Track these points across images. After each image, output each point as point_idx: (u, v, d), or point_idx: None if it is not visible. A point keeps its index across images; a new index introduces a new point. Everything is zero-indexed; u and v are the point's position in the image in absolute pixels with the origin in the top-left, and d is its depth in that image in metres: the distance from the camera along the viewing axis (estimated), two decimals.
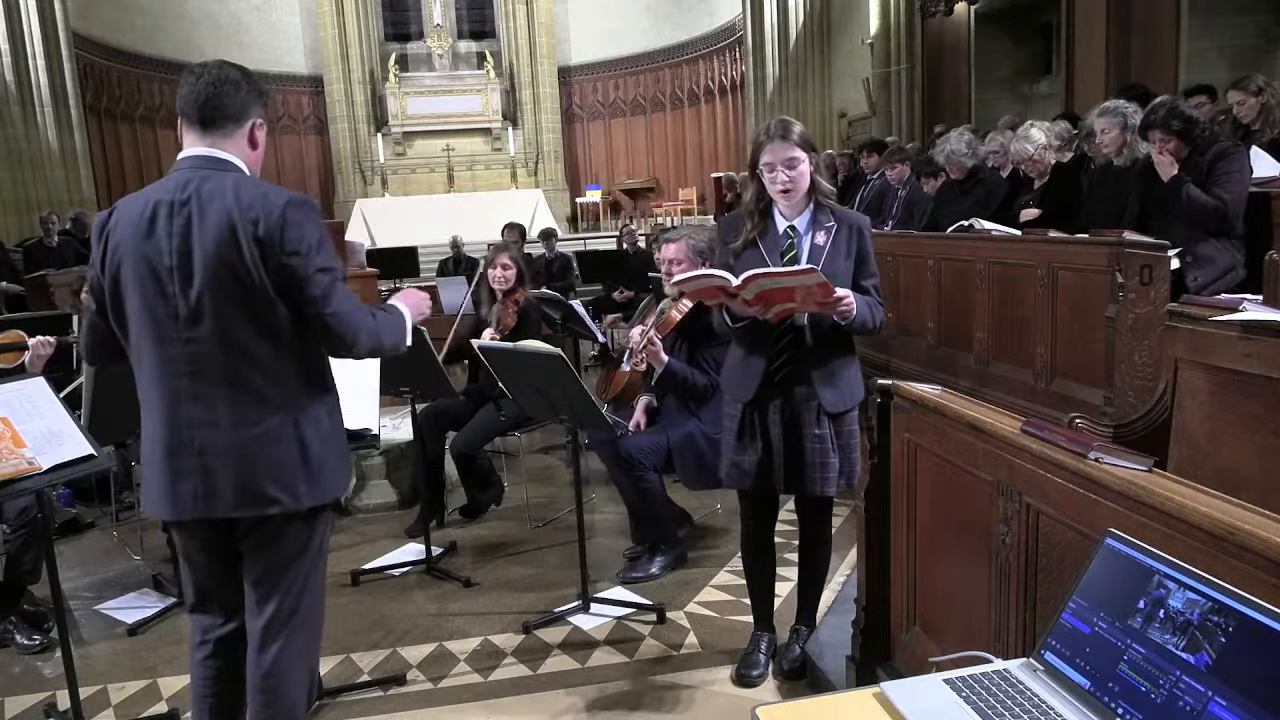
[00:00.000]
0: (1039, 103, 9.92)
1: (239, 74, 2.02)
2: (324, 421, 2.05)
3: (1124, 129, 4.07)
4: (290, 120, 18.23)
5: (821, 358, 2.60)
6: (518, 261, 4.32)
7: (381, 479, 4.69)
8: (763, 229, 2.62)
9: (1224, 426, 2.04)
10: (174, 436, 1.96)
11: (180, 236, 1.90)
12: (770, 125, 2.58)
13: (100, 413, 3.30)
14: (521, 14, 18.41)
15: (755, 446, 2.66)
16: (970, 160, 5.36)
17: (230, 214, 1.89)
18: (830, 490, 2.66)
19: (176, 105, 2.01)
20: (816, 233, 2.59)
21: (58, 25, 12.27)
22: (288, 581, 2.08)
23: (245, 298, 1.90)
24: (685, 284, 2.55)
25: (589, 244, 13.51)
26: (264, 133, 2.08)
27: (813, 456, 2.63)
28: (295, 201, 1.94)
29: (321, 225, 1.99)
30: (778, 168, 2.52)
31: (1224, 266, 3.47)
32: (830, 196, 2.65)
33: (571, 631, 3.24)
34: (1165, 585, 1.21)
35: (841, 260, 2.58)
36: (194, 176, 1.95)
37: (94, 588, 3.84)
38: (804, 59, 13.82)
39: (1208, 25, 7.50)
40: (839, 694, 1.53)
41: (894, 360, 5.21)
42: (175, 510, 2.00)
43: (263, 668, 2.10)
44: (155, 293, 1.92)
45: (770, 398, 2.63)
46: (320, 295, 1.94)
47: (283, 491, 1.97)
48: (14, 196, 11.78)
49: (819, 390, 2.59)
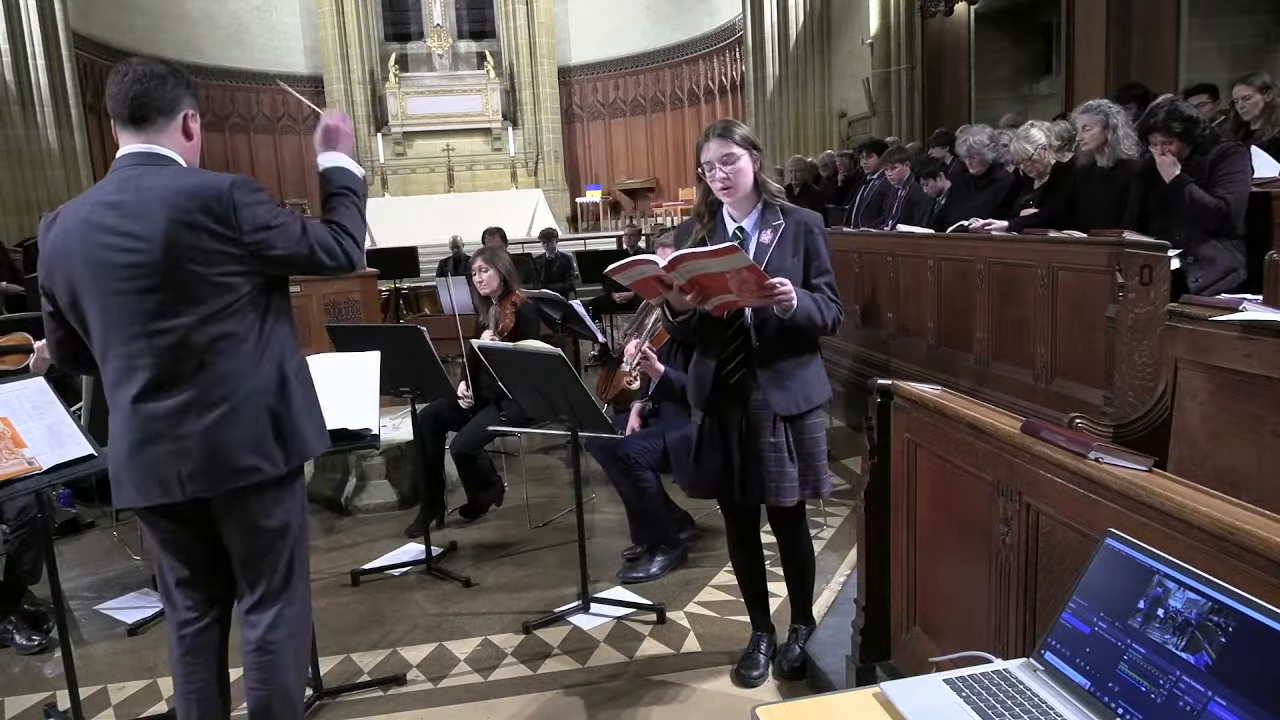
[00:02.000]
0: (1039, 103, 9.92)
1: (164, 68, 2.05)
2: (291, 388, 2.06)
3: (1105, 127, 4.04)
4: (290, 120, 18.23)
5: (769, 358, 2.55)
6: (494, 264, 4.30)
7: (381, 479, 4.70)
8: (712, 229, 2.62)
9: (1224, 426, 2.04)
10: (145, 429, 1.97)
11: (127, 234, 1.91)
12: (711, 125, 2.58)
13: (100, 413, 3.29)
14: (521, 14, 18.43)
15: (715, 454, 2.64)
16: (991, 154, 5.36)
17: (176, 205, 1.90)
18: (787, 501, 2.60)
19: (107, 107, 2.04)
20: (763, 231, 2.58)
21: (58, 25, 12.28)
22: (272, 559, 2.10)
23: (199, 285, 1.92)
24: (618, 272, 2.52)
25: (589, 244, 13.52)
26: (197, 124, 2.10)
27: (769, 465, 2.58)
28: (238, 183, 1.96)
29: (264, 191, 2.02)
30: (716, 165, 2.52)
31: (1225, 268, 3.47)
32: (779, 195, 2.63)
33: (571, 631, 3.24)
34: (1165, 585, 1.21)
35: (789, 258, 2.54)
36: (132, 174, 1.97)
37: (94, 588, 3.84)
38: (804, 59, 13.81)
39: (1208, 25, 7.50)
40: (839, 694, 1.53)
41: (894, 360, 5.21)
42: (145, 497, 2.00)
43: (254, 642, 2.12)
44: (112, 292, 1.94)
45: (728, 404, 2.60)
46: (303, 249, 1.98)
47: (261, 459, 1.99)
48: (14, 196, 11.79)
49: (767, 392, 2.55)
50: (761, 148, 2.61)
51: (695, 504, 4.16)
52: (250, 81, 17.66)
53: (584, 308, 6.58)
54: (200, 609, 2.19)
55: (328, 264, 2.03)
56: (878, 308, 5.48)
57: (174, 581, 2.18)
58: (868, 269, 5.59)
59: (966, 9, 10.50)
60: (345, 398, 2.79)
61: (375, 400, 2.84)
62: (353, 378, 2.84)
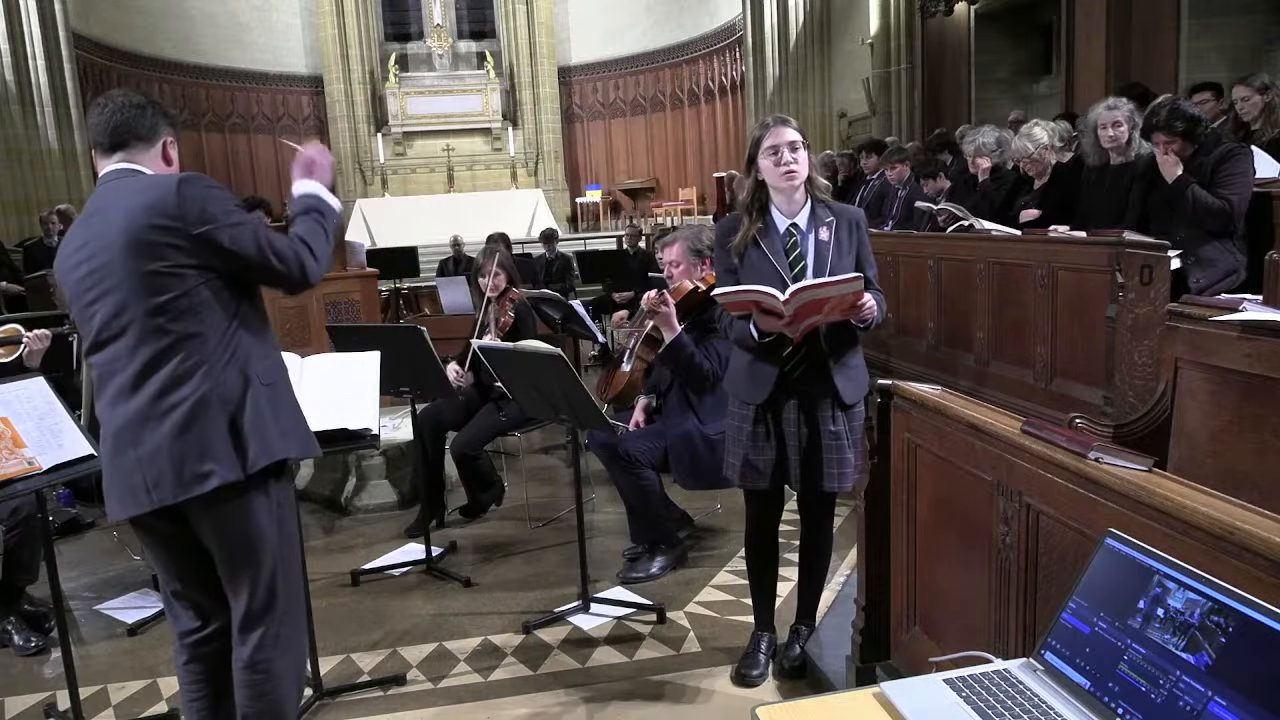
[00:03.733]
0: (1039, 103, 9.91)
1: (143, 99, 2.12)
2: (254, 392, 2.02)
3: (1132, 126, 4.07)
4: (290, 120, 18.21)
5: (835, 352, 2.59)
6: (505, 266, 4.36)
7: (381, 479, 4.70)
8: (762, 227, 2.60)
9: (1224, 426, 2.04)
10: (118, 437, 1.98)
11: (92, 244, 1.96)
12: (771, 116, 2.61)
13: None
14: (521, 14, 18.40)
15: (770, 445, 2.66)
16: (997, 158, 5.36)
17: (131, 208, 1.93)
18: (846, 486, 2.65)
19: (90, 139, 2.10)
20: (819, 229, 2.58)
21: (58, 25, 12.26)
22: (252, 572, 2.07)
23: (161, 285, 1.93)
24: (726, 298, 2.51)
25: (589, 244, 13.51)
26: (176, 150, 2.15)
27: (829, 453, 2.63)
28: (187, 179, 1.98)
29: (217, 188, 2.02)
30: (782, 149, 2.51)
31: (1226, 269, 3.47)
32: (826, 192, 2.65)
33: (571, 631, 3.24)
34: (1165, 585, 1.21)
35: (845, 256, 2.58)
36: (104, 190, 2.03)
37: (94, 588, 3.84)
38: (804, 59, 13.80)
39: (1208, 25, 7.49)
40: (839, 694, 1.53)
41: (894, 360, 5.21)
42: (124, 508, 2.01)
43: (243, 660, 2.10)
44: (85, 304, 1.98)
45: (785, 397, 2.62)
46: (252, 248, 1.98)
47: (216, 464, 1.96)
48: (14, 196, 11.77)
49: (837, 384, 2.58)
50: (812, 147, 2.63)
51: (695, 504, 4.17)
52: (250, 81, 17.64)
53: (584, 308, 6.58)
54: (201, 619, 2.18)
55: (278, 268, 2.01)
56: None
57: (170, 591, 2.18)
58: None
59: (966, 9, 10.49)
60: (345, 398, 2.79)
61: (375, 400, 2.84)
62: (352, 378, 2.84)
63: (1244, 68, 6.47)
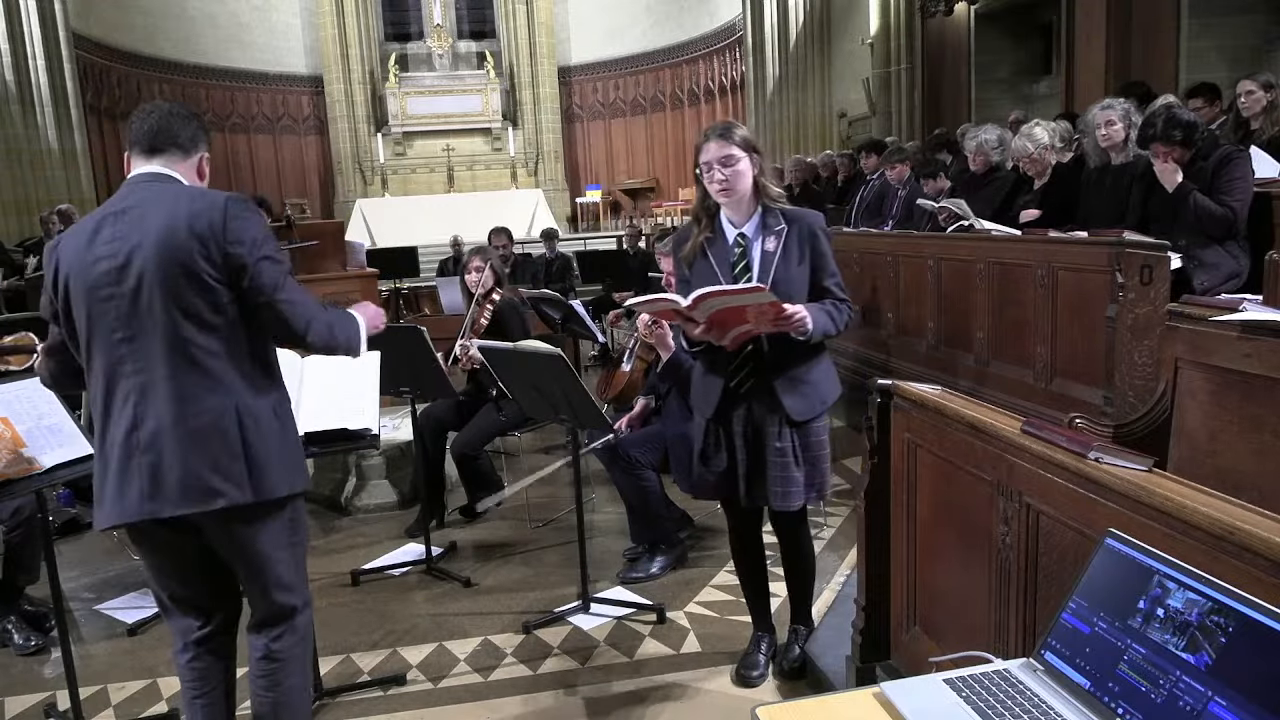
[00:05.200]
0: (1039, 103, 9.91)
1: (190, 111, 2.15)
2: (266, 417, 2.03)
3: (1128, 124, 4.06)
4: (290, 120, 18.23)
5: (782, 366, 2.52)
6: (491, 264, 4.31)
7: (381, 479, 4.70)
8: (711, 236, 2.58)
9: (1224, 426, 2.04)
10: (127, 440, 1.96)
11: (122, 240, 1.94)
12: (711, 127, 2.55)
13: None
14: (521, 14, 18.41)
15: (720, 458, 2.62)
16: (997, 156, 5.36)
17: (174, 214, 1.93)
18: (792, 505, 2.59)
19: (128, 138, 2.09)
20: (766, 238, 2.53)
21: (58, 25, 12.26)
22: (269, 574, 2.08)
23: (190, 294, 1.93)
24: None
25: (589, 244, 13.51)
26: (209, 166, 2.18)
27: (774, 470, 2.56)
28: (235, 199, 2.00)
29: (264, 222, 2.06)
30: (714, 166, 2.48)
31: (1228, 272, 3.46)
32: (779, 200, 2.59)
33: (571, 631, 3.24)
34: (1165, 585, 1.21)
35: (794, 266, 2.51)
36: (138, 189, 2.02)
37: (94, 588, 3.84)
38: (804, 59, 13.80)
39: (1208, 25, 7.49)
40: (839, 694, 1.53)
41: (894, 360, 5.21)
42: (123, 513, 1.99)
43: (260, 651, 2.13)
44: (101, 299, 1.95)
45: (733, 409, 2.58)
46: (270, 283, 1.98)
47: (226, 483, 1.95)
48: (14, 196, 11.77)
49: (784, 400, 2.52)
50: (762, 151, 2.59)
51: (695, 504, 4.16)
52: (250, 81, 17.64)
53: (584, 308, 6.58)
54: (203, 617, 2.19)
55: (286, 312, 2.00)
56: (878, 308, 5.47)
57: (166, 597, 2.18)
58: (868, 269, 5.59)
59: (966, 9, 10.49)
60: (345, 398, 2.79)
61: (375, 400, 2.84)
62: (352, 378, 2.84)
63: (1244, 68, 6.47)
